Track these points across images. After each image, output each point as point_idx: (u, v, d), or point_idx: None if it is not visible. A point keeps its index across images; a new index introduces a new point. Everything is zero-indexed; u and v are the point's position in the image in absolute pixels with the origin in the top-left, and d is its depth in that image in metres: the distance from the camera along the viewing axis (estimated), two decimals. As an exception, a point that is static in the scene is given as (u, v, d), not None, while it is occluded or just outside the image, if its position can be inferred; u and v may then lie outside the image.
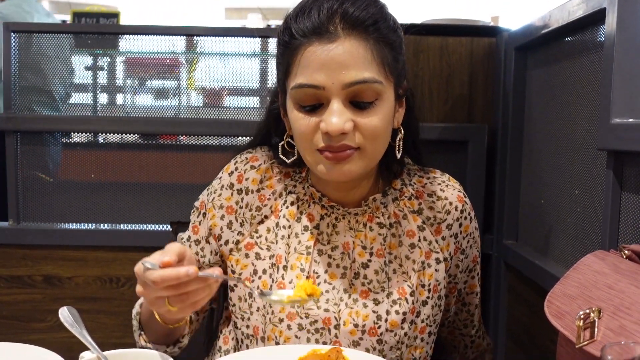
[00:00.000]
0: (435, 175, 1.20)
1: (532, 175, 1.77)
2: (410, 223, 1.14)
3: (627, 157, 1.22)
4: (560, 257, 1.56)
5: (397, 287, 1.10)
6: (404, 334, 1.09)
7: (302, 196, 1.14)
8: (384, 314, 1.08)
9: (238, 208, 1.14)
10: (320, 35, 0.97)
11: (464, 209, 1.18)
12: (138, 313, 1.16)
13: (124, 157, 2.10)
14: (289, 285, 1.09)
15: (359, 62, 0.97)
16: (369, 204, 1.12)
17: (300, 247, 1.11)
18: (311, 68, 0.98)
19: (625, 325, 0.83)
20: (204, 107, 2.19)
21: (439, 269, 1.14)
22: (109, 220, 2.08)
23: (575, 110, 1.48)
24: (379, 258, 1.11)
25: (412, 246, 1.13)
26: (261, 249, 1.13)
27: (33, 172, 2.07)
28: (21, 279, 1.99)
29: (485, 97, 2.01)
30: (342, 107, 0.98)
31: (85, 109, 2.18)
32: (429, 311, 1.12)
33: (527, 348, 1.76)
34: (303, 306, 1.08)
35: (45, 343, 1.03)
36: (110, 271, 1.99)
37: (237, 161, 1.17)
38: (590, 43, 1.42)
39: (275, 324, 1.08)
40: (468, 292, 1.24)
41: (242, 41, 2.11)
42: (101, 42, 2.15)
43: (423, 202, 1.16)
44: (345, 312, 1.08)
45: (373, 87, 0.98)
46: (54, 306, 1.01)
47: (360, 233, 1.12)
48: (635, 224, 1.20)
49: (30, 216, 2.07)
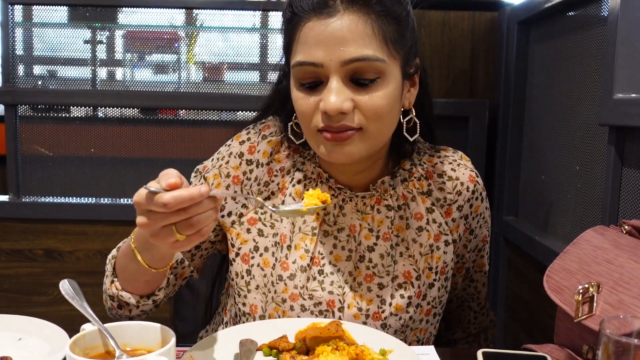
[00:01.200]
0: (447, 154, 1.16)
1: (533, 151, 1.77)
2: (418, 205, 1.11)
3: (628, 132, 1.22)
4: (560, 233, 1.56)
5: (403, 271, 1.08)
6: (409, 318, 1.08)
7: (310, 174, 1.11)
8: (388, 298, 1.07)
9: (245, 179, 1.10)
10: (319, 10, 0.93)
11: (476, 189, 1.14)
12: (114, 257, 1.07)
13: (124, 131, 2.09)
14: (293, 266, 1.07)
15: (359, 37, 0.92)
16: (377, 188, 1.10)
17: (306, 228, 1.09)
18: (309, 44, 0.94)
19: (624, 300, 0.83)
20: (203, 81, 2.18)
21: (447, 251, 1.12)
22: (109, 195, 2.08)
23: (578, 85, 1.47)
24: (385, 242, 1.09)
25: (420, 229, 1.10)
26: (264, 226, 1.11)
27: (33, 145, 2.06)
28: (22, 252, 2.00)
29: (487, 73, 1.99)
30: (341, 85, 0.94)
31: (84, 84, 2.16)
32: (435, 293, 1.11)
33: (526, 323, 1.77)
34: (307, 287, 1.06)
35: (47, 316, 1.03)
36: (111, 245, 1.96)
37: (250, 131, 1.13)
38: (593, 17, 1.40)
39: (278, 304, 1.07)
40: (476, 270, 1.22)
41: (243, 14, 2.09)
42: (99, 15, 2.13)
43: (433, 183, 1.12)
44: (350, 295, 1.07)
45: (374, 65, 0.94)
46: (55, 280, 1.01)
47: (367, 216, 1.09)
48: (635, 200, 1.20)
49: (31, 190, 2.07)
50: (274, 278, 1.07)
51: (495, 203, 1.97)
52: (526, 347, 1.01)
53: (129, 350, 0.89)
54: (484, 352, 0.95)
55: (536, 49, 1.76)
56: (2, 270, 2.01)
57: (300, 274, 1.06)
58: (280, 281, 1.07)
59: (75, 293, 0.97)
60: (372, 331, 1.01)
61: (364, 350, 0.90)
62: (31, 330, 1.01)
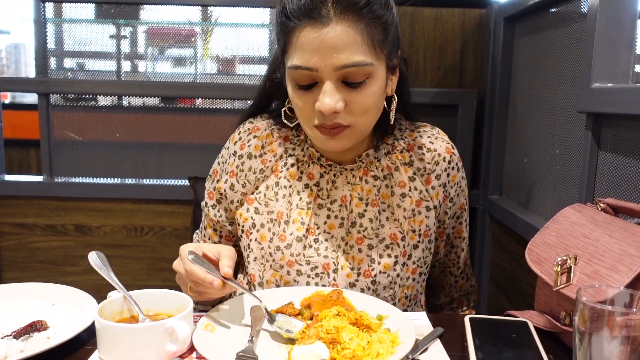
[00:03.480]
0: (426, 129, 1.18)
1: (517, 136, 1.75)
2: (401, 174, 1.12)
3: (604, 118, 1.20)
4: (541, 210, 1.56)
5: (389, 233, 1.10)
6: (396, 275, 1.09)
7: (302, 157, 1.13)
8: (377, 258, 1.08)
9: (239, 172, 1.14)
10: (313, 19, 0.92)
11: (452, 159, 1.15)
12: None
13: (146, 118, 2.09)
14: (290, 237, 1.08)
15: (350, 45, 0.93)
16: (362, 159, 1.11)
17: (302, 203, 1.11)
18: (305, 51, 0.94)
19: (599, 271, 0.83)
20: (218, 73, 2.17)
21: (429, 215, 1.13)
22: (133, 175, 2.08)
23: (558, 75, 1.45)
24: (373, 207, 1.10)
25: (403, 195, 1.12)
26: (260, 204, 1.13)
27: (64, 131, 2.06)
28: (55, 227, 2.01)
29: (475, 64, 1.97)
30: (334, 87, 0.95)
31: (110, 75, 2.16)
32: (419, 254, 1.12)
33: (509, 292, 1.77)
34: (303, 254, 1.08)
35: (77, 284, 1.04)
36: (134, 221, 2.00)
37: (241, 131, 1.17)
38: (573, 14, 1.38)
39: (276, 270, 1.09)
40: (456, 236, 1.24)
41: (253, 12, 2.08)
42: (124, 12, 2.12)
43: (414, 155, 1.14)
44: (343, 258, 1.08)
45: (363, 69, 0.94)
46: (85, 252, 1.01)
47: (356, 186, 1.11)
48: (610, 180, 1.19)
49: (62, 171, 2.07)
50: (272, 249, 1.09)
51: (481, 183, 1.96)
52: (509, 313, 1.01)
53: (151, 315, 0.89)
54: (471, 318, 0.95)
55: (521, 43, 1.74)
56: (38, 244, 2.02)
57: (297, 243, 1.08)
58: (278, 251, 1.08)
59: (102, 264, 0.97)
60: (369, 298, 1.01)
61: (363, 315, 0.90)
62: (63, 297, 1.02)
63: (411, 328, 0.88)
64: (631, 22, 1.17)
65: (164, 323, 0.81)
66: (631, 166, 1.12)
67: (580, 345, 0.66)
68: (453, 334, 0.94)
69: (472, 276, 1.32)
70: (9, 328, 0.90)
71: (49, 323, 0.92)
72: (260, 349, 0.85)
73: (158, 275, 2.01)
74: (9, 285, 1.05)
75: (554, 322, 0.91)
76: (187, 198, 1.93)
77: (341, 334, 0.82)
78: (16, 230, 2.01)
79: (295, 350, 0.79)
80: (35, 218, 2.00)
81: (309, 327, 0.86)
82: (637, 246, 0.81)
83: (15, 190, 1.99)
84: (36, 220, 2.00)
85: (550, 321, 0.92)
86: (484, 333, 0.90)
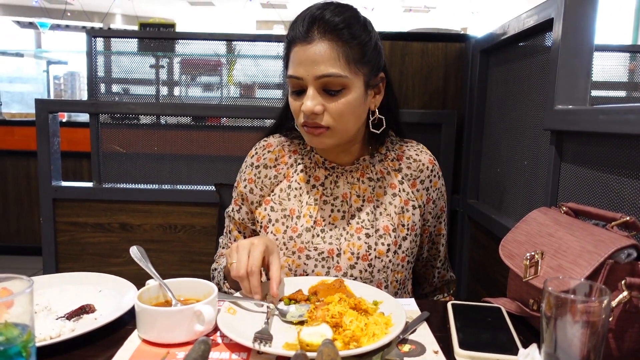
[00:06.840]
0: (412, 144, 1.20)
1: (491, 150, 1.74)
2: (392, 178, 1.15)
3: (566, 135, 1.20)
4: (512, 213, 1.54)
5: (383, 225, 1.11)
6: (389, 261, 1.10)
7: (309, 164, 1.15)
8: (373, 245, 1.09)
9: (256, 179, 1.16)
10: (304, 39, 0.98)
11: (434, 169, 1.18)
12: (222, 269, 1.14)
13: (180, 134, 2.09)
14: (300, 228, 1.09)
15: (329, 59, 0.96)
16: (359, 163, 1.13)
17: (310, 200, 1.12)
18: (295, 63, 1.00)
19: (562, 265, 0.82)
20: (240, 97, 2.18)
21: (415, 213, 1.14)
22: (168, 182, 2.08)
23: (526, 99, 1.44)
24: (369, 203, 1.12)
25: (394, 195, 1.14)
26: (275, 204, 1.14)
27: (110, 145, 2.06)
28: (103, 225, 2.01)
29: (456, 90, 1.97)
30: (315, 93, 0.98)
31: (149, 98, 2.16)
32: (407, 245, 1.13)
33: (484, 282, 1.75)
34: (312, 242, 1.09)
35: (120, 274, 1.03)
36: (169, 220, 1.99)
37: (257, 147, 1.20)
38: (539, 47, 1.37)
39: (288, 256, 1.09)
40: (437, 233, 1.24)
41: (270, 46, 2.08)
42: (161, 46, 2.13)
43: (402, 163, 1.16)
44: (345, 244, 1.09)
45: (338, 79, 0.97)
46: (127, 246, 1.01)
47: (355, 185, 1.13)
48: (571, 187, 1.18)
49: (109, 178, 2.07)
50: (285, 239, 1.10)
51: (461, 189, 1.95)
52: (485, 300, 1.00)
53: (182, 300, 0.89)
54: (452, 304, 0.94)
55: (494, 72, 1.74)
56: (88, 239, 2.02)
57: (306, 233, 1.09)
58: (291, 240, 1.10)
59: (142, 256, 0.97)
60: (367, 287, 1.00)
61: (361, 301, 0.89)
62: (108, 285, 1.01)
63: (402, 312, 0.87)
64: (588, 54, 1.17)
65: (193, 307, 0.80)
66: (589, 175, 1.11)
67: (547, 328, 0.65)
68: (437, 318, 0.93)
69: (450, 269, 1.32)
70: (62, 310, 0.90)
71: (96, 306, 0.92)
72: (275, 329, 0.84)
73: (189, 266, 2.01)
74: (64, 275, 1.05)
75: (524, 308, 0.90)
76: (213, 201, 1.93)
77: (343, 318, 0.81)
78: (70, 227, 2.01)
79: (303, 330, 0.79)
80: (86, 217, 2.01)
81: (316, 308, 0.86)
82: (595, 244, 0.80)
83: (70, 194, 2.00)
84: (87, 219, 2.01)
85: (520, 307, 0.91)
86: (463, 317, 0.89)
